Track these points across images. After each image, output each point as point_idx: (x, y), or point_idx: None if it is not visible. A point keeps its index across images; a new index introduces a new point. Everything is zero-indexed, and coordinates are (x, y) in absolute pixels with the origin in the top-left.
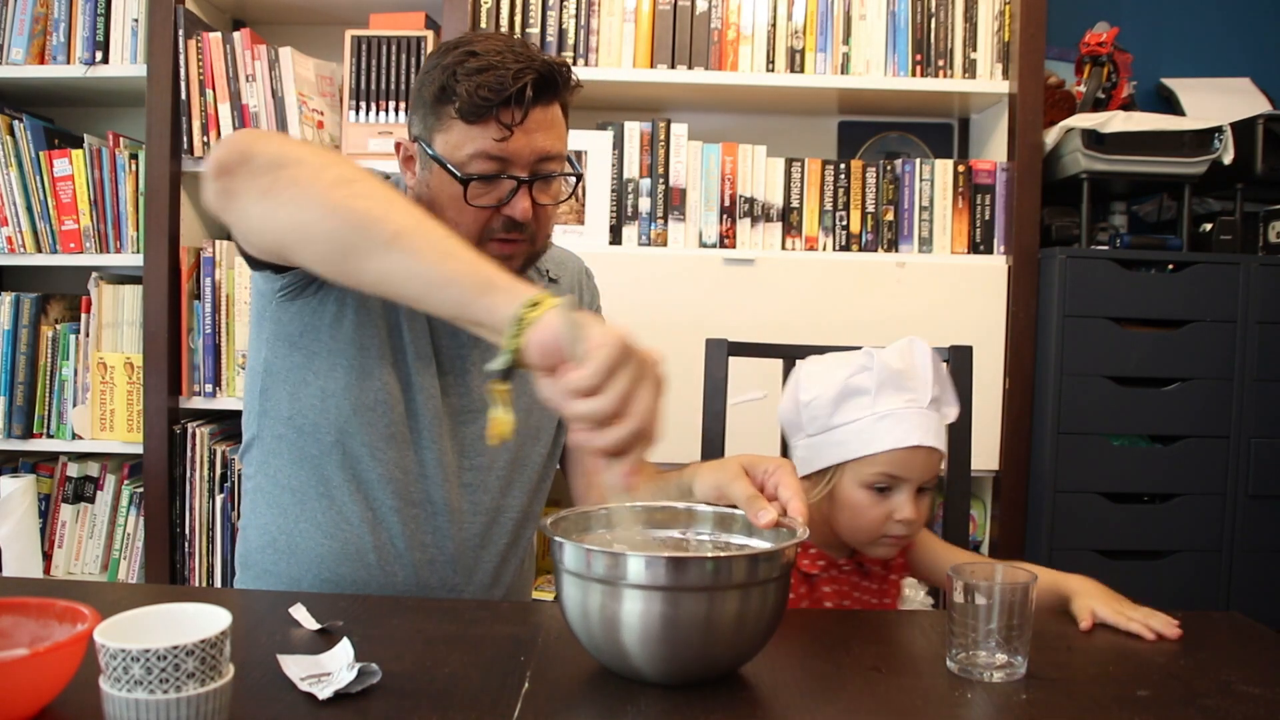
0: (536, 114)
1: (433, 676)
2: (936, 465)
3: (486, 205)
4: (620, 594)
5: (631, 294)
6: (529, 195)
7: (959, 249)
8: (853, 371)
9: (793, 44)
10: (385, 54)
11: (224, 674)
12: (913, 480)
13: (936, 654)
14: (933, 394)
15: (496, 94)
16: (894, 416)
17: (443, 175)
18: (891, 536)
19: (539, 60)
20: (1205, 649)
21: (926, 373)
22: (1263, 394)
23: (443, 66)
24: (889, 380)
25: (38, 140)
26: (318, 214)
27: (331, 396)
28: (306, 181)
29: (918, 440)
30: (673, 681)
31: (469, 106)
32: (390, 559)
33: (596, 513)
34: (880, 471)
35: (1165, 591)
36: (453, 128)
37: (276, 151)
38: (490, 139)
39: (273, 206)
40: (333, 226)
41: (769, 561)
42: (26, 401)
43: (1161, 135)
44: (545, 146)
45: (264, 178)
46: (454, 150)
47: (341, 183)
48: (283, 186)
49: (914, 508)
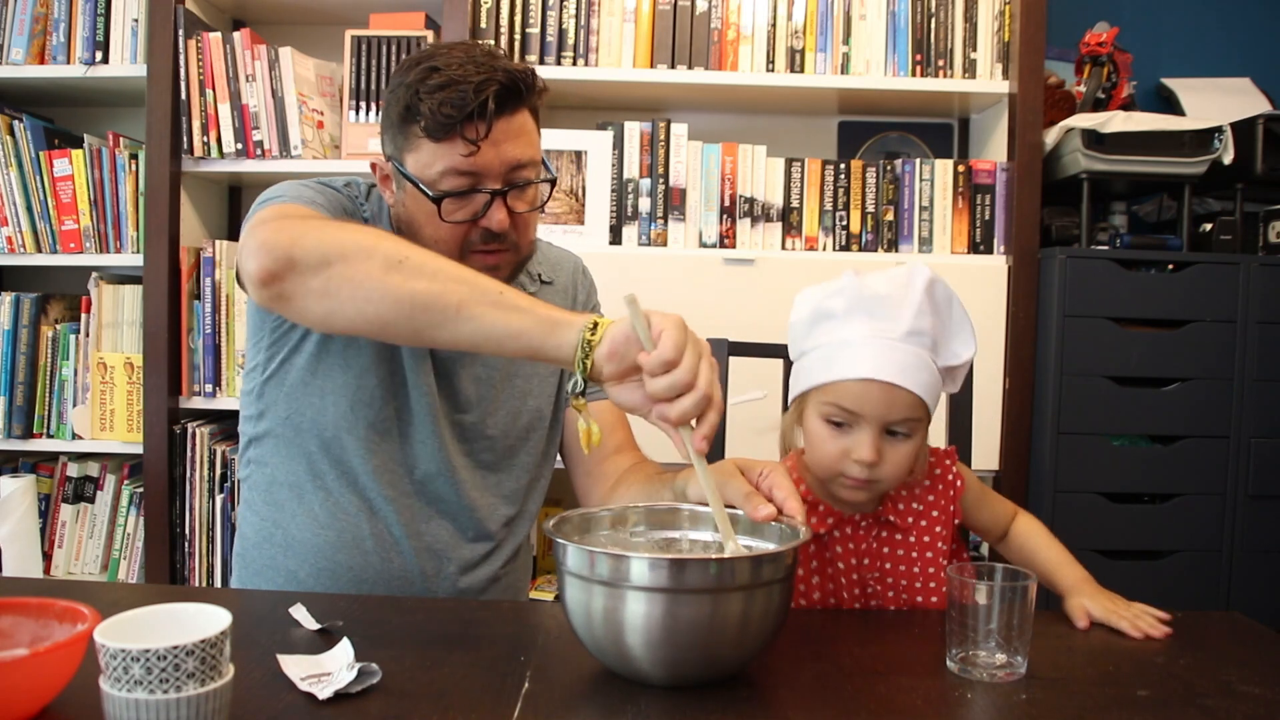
0: (502, 125)
1: (433, 676)
2: (906, 407)
3: (463, 220)
4: (623, 596)
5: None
6: (504, 206)
7: (959, 249)
8: (829, 293)
9: (793, 44)
10: (385, 54)
11: (224, 674)
12: (870, 418)
13: (936, 654)
14: (913, 326)
15: (459, 110)
16: (854, 345)
17: (417, 194)
18: (849, 477)
19: (501, 70)
20: (1205, 649)
21: (913, 302)
22: (1263, 394)
23: (406, 85)
24: (861, 305)
25: (38, 140)
26: (382, 307)
27: (329, 394)
28: (361, 276)
29: (869, 373)
30: (675, 683)
31: (433, 125)
32: (388, 546)
33: (598, 514)
34: (831, 403)
35: (1165, 591)
36: (421, 146)
37: (318, 247)
38: (458, 155)
39: (334, 306)
40: (399, 314)
41: (772, 563)
42: (26, 401)
43: (1161, 135)
44: (515, 156)
45: (316, 279)
46: (424, 169)
47: (393, 267)
48: (338, 285)
49: (872, 449)
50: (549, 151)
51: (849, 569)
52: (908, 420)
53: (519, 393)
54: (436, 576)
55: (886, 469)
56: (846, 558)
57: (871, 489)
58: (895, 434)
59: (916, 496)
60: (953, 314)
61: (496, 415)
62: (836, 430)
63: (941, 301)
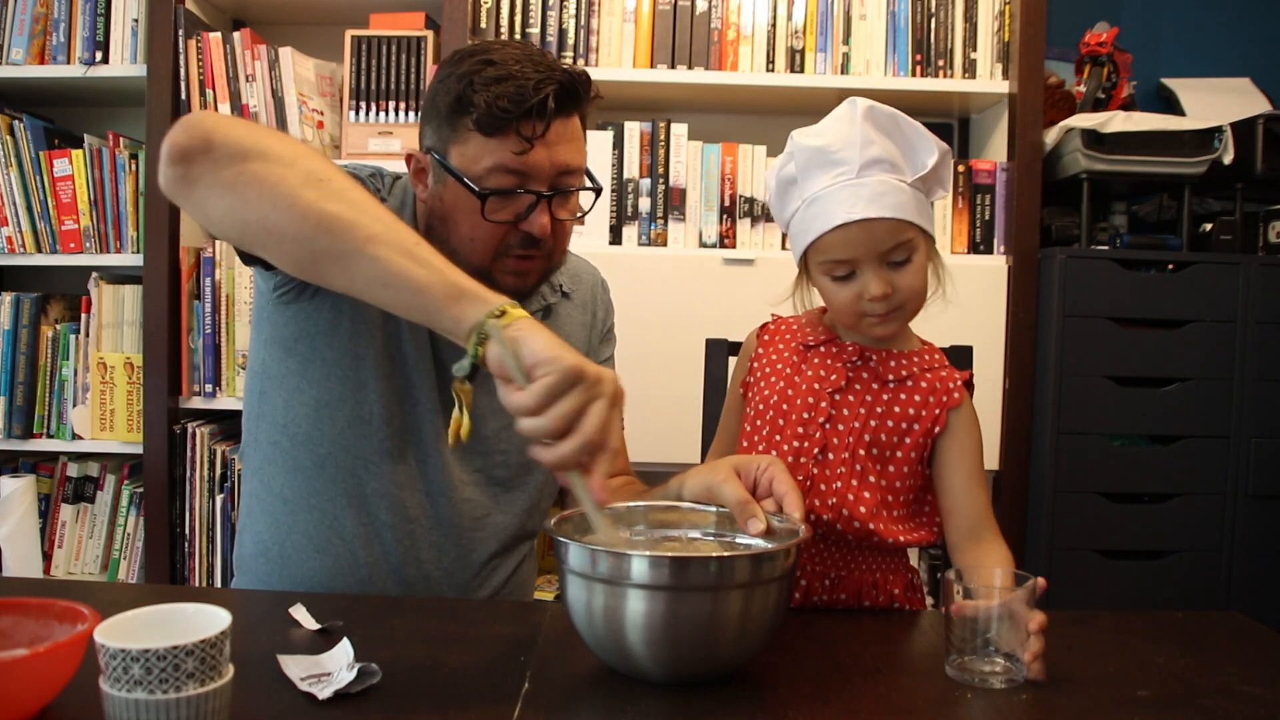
0: (558, 126)
1: (433, 676)
2: (891, 234)
3: (504, 220)
4: (624, 594)
5: (631, 294)
6: (548, 210)
7: (959, 249)
8: (783, 161)
9: (793, 44)
10: (385, 54)
11: (224, 674)
12: (866, 257)
13: (936, 654)
14: (864, 158)
15: (517, 105)
16: (820, 199)
17: (458, 189)
18: (874, 315)
19: (559, 70)
20: (1205, 649)
21: (856, 137)
22: (1263, 394)
23: (458, 75)
24: (810, 160)
25: (38, 140)
26: (286, 215)
27: (325, 407)
28: (275, 179)
29: (842, 218)
30: (676, 680)
31: (488, 118)
32: (384, 575)
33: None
34: (824, 260)
35: (1165, 591)
36: (470, 140)
37: (241, 140)
38: (510, 152)
39: (237, 202)
40: (302, 229)
41: (772, 561)
42: (26, 401)
43: (1161, 135)
44: (566, 160)
45: (227, 169)
46: (471, 163)
47: (311, 182)
48: (248, 181)
49: (879, 285)
50: None
51: (823, 381)
52: (899, 245)
53: None
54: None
55: (903, 294)
56: (822, 371)
57: (898, 317)
58: (896, 262)
59: (905, 364)
60: (902, 130)
61: (511, 429)
62: (842, 281)
63: (886, 123)
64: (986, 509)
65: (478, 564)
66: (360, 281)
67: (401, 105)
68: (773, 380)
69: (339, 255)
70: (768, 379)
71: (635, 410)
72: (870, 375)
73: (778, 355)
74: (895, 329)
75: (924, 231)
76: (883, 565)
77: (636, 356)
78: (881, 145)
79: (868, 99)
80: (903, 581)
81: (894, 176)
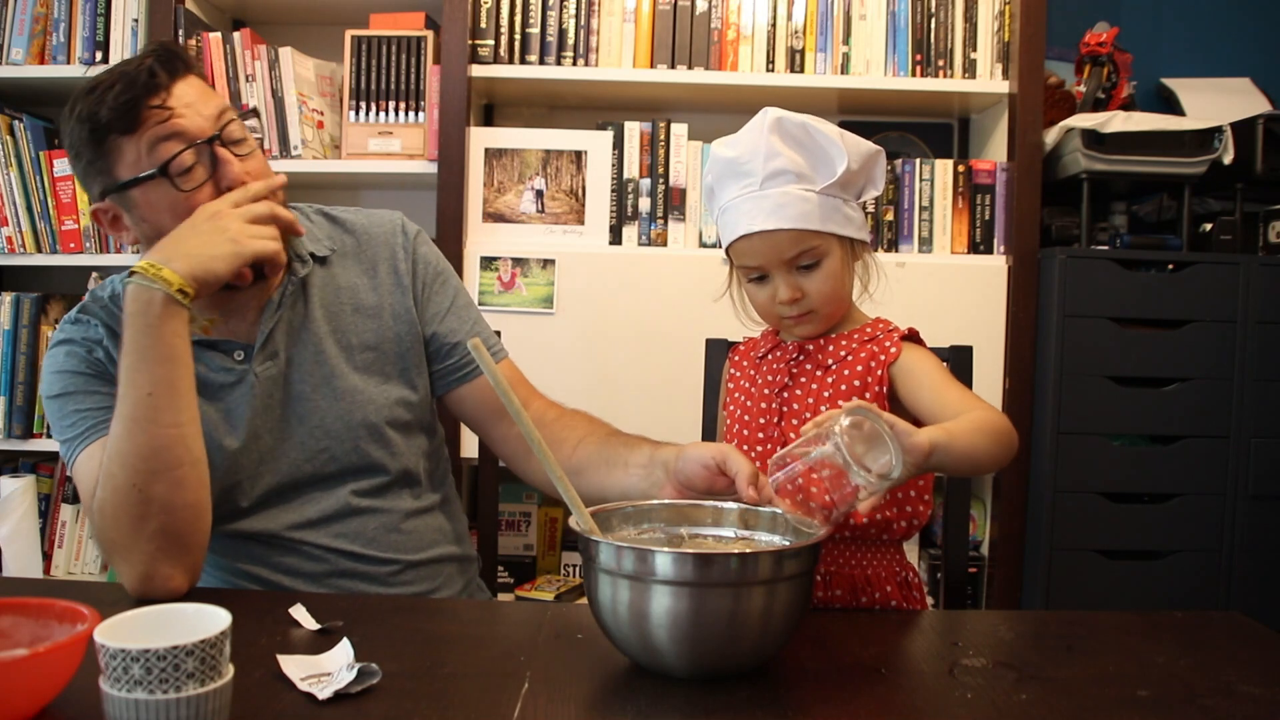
0: (180, 89)
1: (433, 676)
2: (792, 243)
3: (202, 183)
4: (649, 590)
5: (631, 294)
6: (229, 152)
7: (959, 249)
8: (706, 171)
9: (793, 44)
10: (385, 54)
11: (224, 674)
12: (771, 264)
13: (937, 654)
14: (768, 170)
15: (133, 89)
16: (730, 209)
17: (149, 192)
18: (789, 317)
19: (148, 52)
20: (1205, 649)
21: (762, 149)
22: (1262, 394)
23: (76, 117)
24: (723, 171)
25: (38, 140)
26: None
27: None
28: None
29: (745, 229)
30: (699, 675)
31: (118, 117)
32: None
33: (623, 510)
34: (741, 264)
35: (1165, 591)
36: (121, 146)
37: (101, 535)
38: (155, 127)
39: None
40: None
41: (793, 558)
42: (26, 401)
43: (1161, 135)
44: (207, 111)
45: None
46: (136, 164)
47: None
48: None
49: (787, 289)
50: (549, 151)
51: (771, 385)
52: (805, 252)
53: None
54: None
55: (812, 298)
56: (770, 375)
57: (811, 319)
58: (804, 266)
59: (844, 345)
60: (813, 138)
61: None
62: (757, 283)
63: (796, 132)
64: (964, 399)
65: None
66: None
67: (401, 105)
68: (738, 396)
69: (168, 467)
70: (734, 397)
71: (635, 410)
72: (813, 365)
73: (741, 372)
74: (812, 329)
75: (838, 237)
76: (874, 561)
77: (637, 356)
78: (787, 157)
79: (780, 109)
80: (896, 578)
81: (800, 186)
